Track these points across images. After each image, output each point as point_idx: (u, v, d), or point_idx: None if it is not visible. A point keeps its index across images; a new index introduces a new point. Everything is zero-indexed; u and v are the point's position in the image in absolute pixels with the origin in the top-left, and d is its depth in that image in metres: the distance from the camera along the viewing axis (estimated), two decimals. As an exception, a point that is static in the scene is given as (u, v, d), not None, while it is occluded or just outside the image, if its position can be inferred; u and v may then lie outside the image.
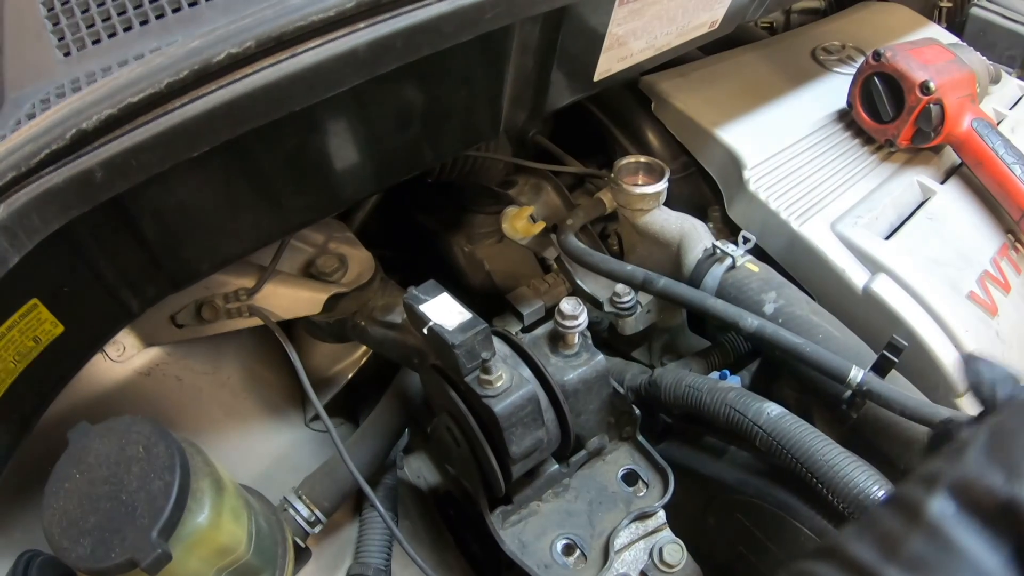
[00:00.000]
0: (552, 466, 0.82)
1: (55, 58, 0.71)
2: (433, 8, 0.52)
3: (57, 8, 0.72)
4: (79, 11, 0.70)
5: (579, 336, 0.80)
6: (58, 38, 0.71)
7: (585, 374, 0.79)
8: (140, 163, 0.51)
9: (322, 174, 0.69)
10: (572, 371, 0.78)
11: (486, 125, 0.76)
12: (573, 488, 0.84)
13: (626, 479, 0.84)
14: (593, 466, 0.86)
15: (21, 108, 0.70)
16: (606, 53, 0.80)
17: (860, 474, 0.75)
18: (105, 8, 0.70)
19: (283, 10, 0.50)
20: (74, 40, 0.70)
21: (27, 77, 0.72)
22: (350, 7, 0.50)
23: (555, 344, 0.81)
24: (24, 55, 0.73)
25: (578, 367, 0.79)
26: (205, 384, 0.93)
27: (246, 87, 0.50)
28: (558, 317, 0.78)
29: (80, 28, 0.70)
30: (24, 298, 0.61)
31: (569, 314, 0.77)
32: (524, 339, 0.81)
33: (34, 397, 0.67)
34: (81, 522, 0.58)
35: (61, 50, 0.71)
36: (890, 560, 0.27)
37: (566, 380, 0.78)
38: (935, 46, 1.15)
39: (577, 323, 0.77)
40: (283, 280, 0.88)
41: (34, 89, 0.71)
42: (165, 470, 0.58)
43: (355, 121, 0.64)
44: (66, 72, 0.70)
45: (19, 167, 0.52)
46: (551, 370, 0.77)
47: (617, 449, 0.87)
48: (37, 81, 0.71)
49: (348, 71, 0.52)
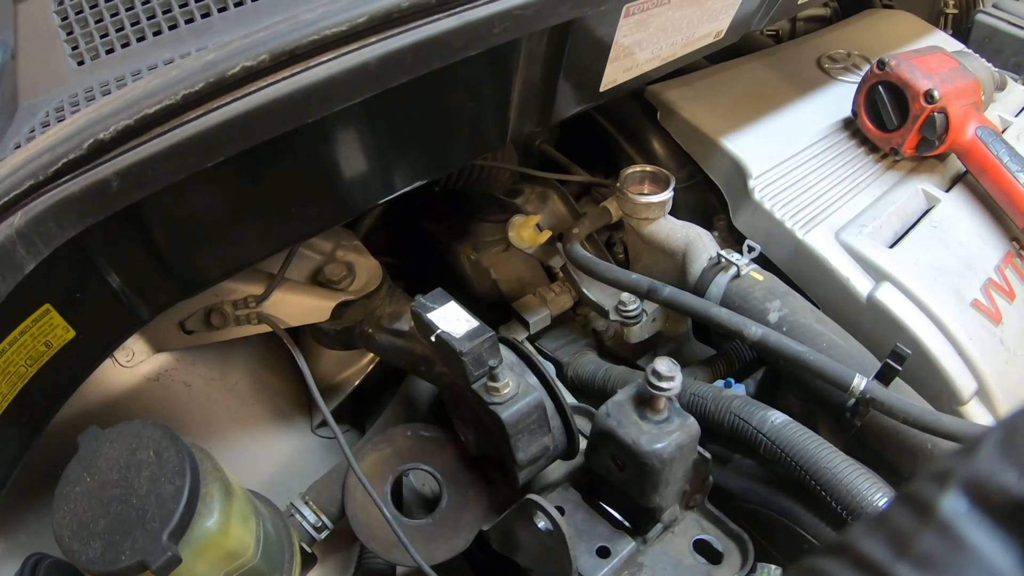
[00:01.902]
0: (628, 544, 0.78)
1: (69, 67, 0.72)
2: (443, 23, 0.53)
3: (71, 18, 0.72)
4: (93, 21, 0.71)
5: (666, 399, 0.73)
6: (72, 47, 0.72)
7: (680, 440, 0.72)
8: (156, 173, 0.52)
9: (331, 184, 0.70)
10: (667, 438, 0.72)
11: (493, 135, 0.77)
12: (648, 567, 0.78)
13: (699, 550, 0.79)
14: (663, 540, 0.81)
15: (35, 116, 0.71)
16: (612, 64, 0.81)
17: (864, 482, 0.75)
18: (119, 19, 0.70)
19: (297, 24, 0.51)
20: (88, 50, 0.71)
21: (41, 85, 0.73)
22: (362, 22, 0.51)
23: (642, 408, 0.74)
24: (38, 63, 0.74)
25: (672, 433, 0.72)
26: (213, 390, 0.94)
27: (260, 99, 0.51)
28: (652, 378, 0.71)
29: (94, 38, 0.71)
30: (37, 303, 0.61)
31: (666, 375, 0.70)
32: (606, 406, 0.75)
33: (44, 401, 0.68)
34: (91, 525, 0.59)
35: (75, 59, 0.72)
36: (901, 558, 0.27)
37: (661, 449, 0.71)
38: (939, 54, 1.16)
39: (673, 385, 0.71)
40: (291, 287, 0.88)
41: (48, 97, 0.72)
42: (176, 474, 0.59)
43: (364, 132, 0.65)
44: (79, 81, 0.71)
45: (37, 175, 0.53)
46: (643, 439, 0.71)
47: (684, 519, 0.82)
48: (51, 90, 0.72)
49: (360, 84, 0.52)
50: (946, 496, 0.27)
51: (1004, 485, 0.27)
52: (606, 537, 0.79)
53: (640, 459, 0.71)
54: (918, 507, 0.28)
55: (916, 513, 0.28)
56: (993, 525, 0.26)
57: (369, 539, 0.80)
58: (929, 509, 0.28)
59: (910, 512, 0.29)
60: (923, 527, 0.27)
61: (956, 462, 0.29)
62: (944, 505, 0.27)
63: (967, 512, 0.27)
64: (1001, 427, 0.29)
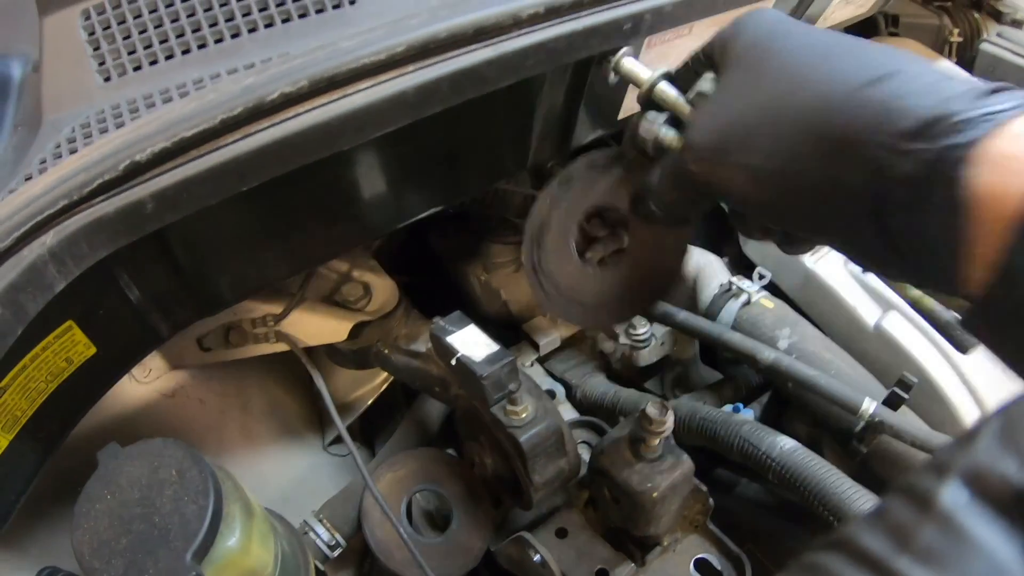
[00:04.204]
0: (627, 567, 0.79)
1: (95, 83, 0.71)
2: (478, 54, 0.54)
3: (98, 33, 0.71)
4: (121, 37, 0.70)
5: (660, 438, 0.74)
6: (99, 63, 0.71)
7: (675, 480, 0.74)
8: (191, 196, 0.52)
9: (354, 208, 0.70)
10: (658, 478, 0.73)
11: (513, 162, 0.77)
12: None
13: (699, 568, 0.81)
14: (664, 559, 0.82)
15: (60, 131, 0.70)
16: (631, 93, 0.82)
17: (871, 507, 0.75)
18: (147, 36, 0.70)
19: (335, 52, 0.52)
20: (115, 66, 0.70)
21: (66, 100, 0.72)
22: (400, 51, 0.52)
23: (636, 447, 0.75)
24: (63, 78, 0.73)
25: (663, 472, 0.74)
26: (227, 407, 0.93)
27: (298, 126, 0.51)
28: (644, 423, 0.72)
29: (121, 54, 0.70)
30: (60, 319, 0.61)
31: (657, 419, 0.71)
32: (602, 442, 0.77)
33: (62, 416, 0.68)
34: (112, 543, 0.59)
35: (101, 75, 0.71)
36: (902, 551, 0.27)
37: (652, 488, 0.72)
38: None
39: (664, 428, 0.72)
40: (309, 307, 0.89)
41: (73, 112, 0.71)
42: (200, 494, 0.59)
43: (390, 158, 0.66)
44: (106, 98, 0.70)
45: (71, 195, 0.53)
46: (634, 478, 0.72)
47: (686, 538, 0.83)
48: (76, 105, 0.71)
49: (397, 112, 0.53)
50: (946, 487, 0.27)
51: (1004, 475, 0.26)
52: (605, 560, 0.81)
53: (632, 497, 0.73)
54: (918, 499, 0.28)
55: (916, 505, 0.28)
56: (994, 516, 0.26)
57: (388, 558, 0.81)
58: (929, 501, 0.27)
59: (910, 504, 0.28)
60: (924, 519, 0.27)
61: (955, 453, 0.28)
62: (944, 496, 0.27)
63: (967, 503, 0.26)
64: (1000, 416, 0.28)
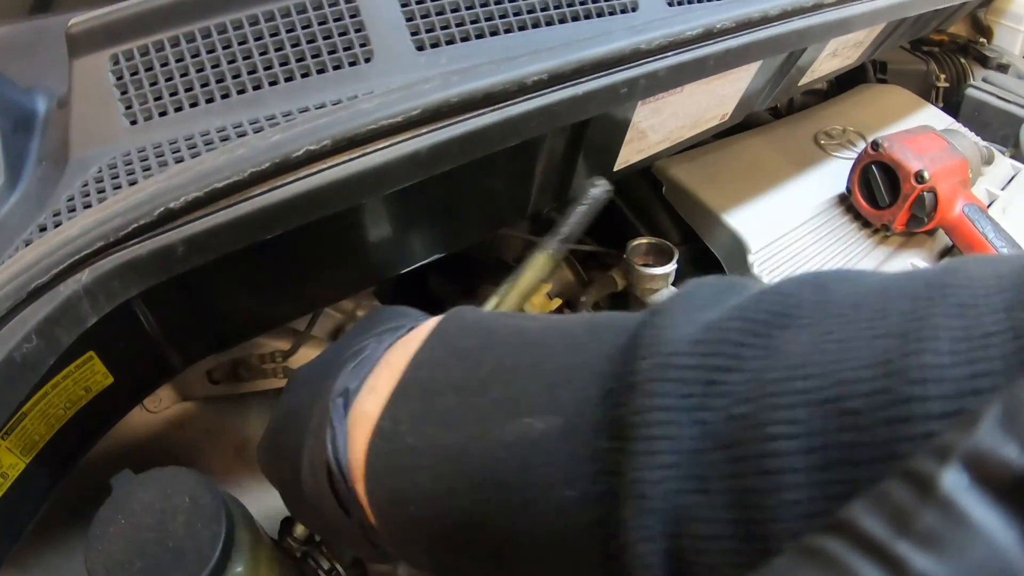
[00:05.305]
0: None
1: (122, 125, 0.75)
2: (487, 118, 0.58)
3: (127, 78, 0.75)
4: (148, 83, 0.74)
5: None
6: (126, 107, 0.75)
7: None
8: (219, 242, 0.56)
9: (361, 255, 0.75)
10: None
11: (514, 212, 0.82)
12: None
13: None
14: None
15: (87, 171, 0.74)
16: (627, 146, 0.87)
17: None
18: (173, 83, 0.74)
19: (356, 113, 0.57)
20: (141, 110, 0.74)
21: (93, 140, 0.76)
22: (416, 115, 0.56)
23: None
24: (91, 119, 0.77)
25: None
26: (233, 438, 0.96)
27: (321, 180, 0.55)
28: None
29: (148, 99, 0.74)
30: (83, 350, 0.65)
31: None
32: None
33: (76, 443, 0.71)
34: (127, 565, 0.62)
35: (128, 119, 0.75)
36: (901, 535, 0.26)
37: None
38: (930, 134, 1.22)
39: None
40: (316, 344, 0.92)
41: (100, 152, 0.75)
42: (212, 521, 0.62)
43: (399, 210, 0.70)
44: (132, 140, 0.74)
45: (107, 237, 0.57)
46: None
47: None
48: (103, 145, 0.75)
49: (411, 170, 0.58)
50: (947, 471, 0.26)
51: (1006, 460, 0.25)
52: None
53: None
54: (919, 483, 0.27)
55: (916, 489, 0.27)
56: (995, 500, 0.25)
57: None
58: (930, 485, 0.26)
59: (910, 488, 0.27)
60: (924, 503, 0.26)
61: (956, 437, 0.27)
62: (945, 481, 0.26)
63: (968, 487, 0.26)
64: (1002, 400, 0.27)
